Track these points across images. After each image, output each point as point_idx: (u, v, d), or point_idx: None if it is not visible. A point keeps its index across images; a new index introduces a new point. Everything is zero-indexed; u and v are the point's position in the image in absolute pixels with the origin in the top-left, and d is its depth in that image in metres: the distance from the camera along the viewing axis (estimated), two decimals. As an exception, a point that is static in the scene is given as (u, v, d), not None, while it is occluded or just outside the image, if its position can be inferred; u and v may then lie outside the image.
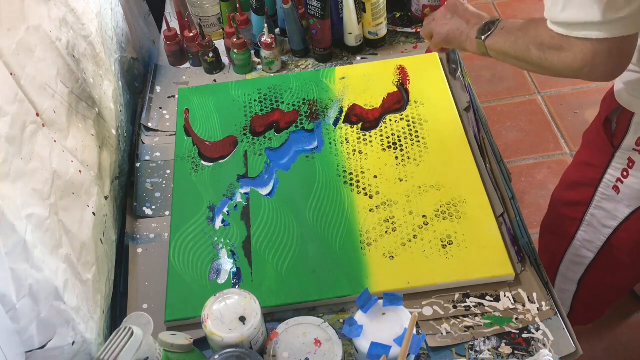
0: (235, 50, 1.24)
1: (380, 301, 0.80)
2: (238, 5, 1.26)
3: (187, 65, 1.31)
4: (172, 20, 1.35)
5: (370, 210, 0.99)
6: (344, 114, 1.15)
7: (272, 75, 1.26)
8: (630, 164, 1.00)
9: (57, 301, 0.72)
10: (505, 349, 0.84)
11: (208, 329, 0.77)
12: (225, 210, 1.02)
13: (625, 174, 1.01)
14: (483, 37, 0.94)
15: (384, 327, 0.78)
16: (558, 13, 0.76)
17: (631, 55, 0.78)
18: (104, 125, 1.02)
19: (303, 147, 1.11)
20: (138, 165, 1.12)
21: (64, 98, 0.86)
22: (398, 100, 1.16)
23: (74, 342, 0.74)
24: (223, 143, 1.13)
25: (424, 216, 0.98)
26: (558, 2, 0.76)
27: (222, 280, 0.94)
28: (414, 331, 0.76)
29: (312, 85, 1.21)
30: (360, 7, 1.20)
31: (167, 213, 1.04)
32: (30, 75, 0.76)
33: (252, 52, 1.29)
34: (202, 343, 0.84)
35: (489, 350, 0.84)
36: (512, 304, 0.88)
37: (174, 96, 1.24)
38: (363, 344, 0.76)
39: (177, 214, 1.03)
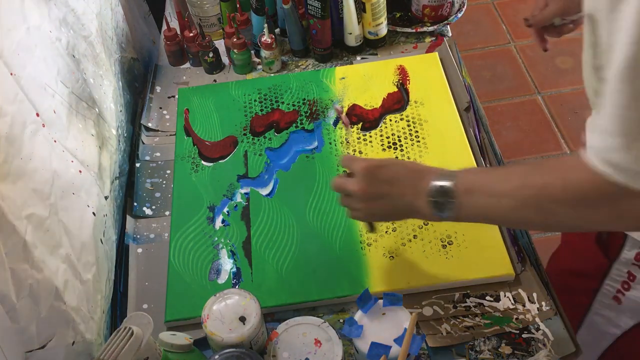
0: (235, 50, 1.24)
1: (380, 301, 0.80)
2: (238, 5, 1.26)
3: (187, 65, 1.31)
4: (172, 20, 1.35)
5: (370, 210, 0.99)
6: (344, 114, 1.15)
7: (272, 75, 1.26)
8: (631, 277, 0.87)
9: (57, 301, 0.72)
10: (505, 349, 0.84)
11: (208, 329, 0.77)
12: (225, 210, 1.02)
13: (626, 286, 0.89)
14: (448, 215, 0.74)
15: (384, 327, 0.78)
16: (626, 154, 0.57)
17: None
18: (104, 125, 1.02)
19: (303, 147, 1.11)
20: (138, 165, 1.12)
21: (64, 98, 0.86)
22: (398, 100, 1.16)
23: (74, 342, 0.74)
24: (223, 143, 1.13)
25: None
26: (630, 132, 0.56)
27: (222, 280, 0.94)
28: (414, 331, 0.76)
29: (312, 85, 1.21)
30: (360, 7, 1.20)
31: (167, 213, 1.04)
32: (30, 75, 0.76)
33: (252, 52, 1.29)
34: (202, 343, 0.84)
35: (489, 350, 0.84)
36: (512, 304, 0.88)
37: (174, 96, 1.24)
38: (363, 344, 0.76)
39: (177, 214, 1.03)
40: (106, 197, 0.97)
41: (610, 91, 0.56)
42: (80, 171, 0.87)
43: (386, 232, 0.96)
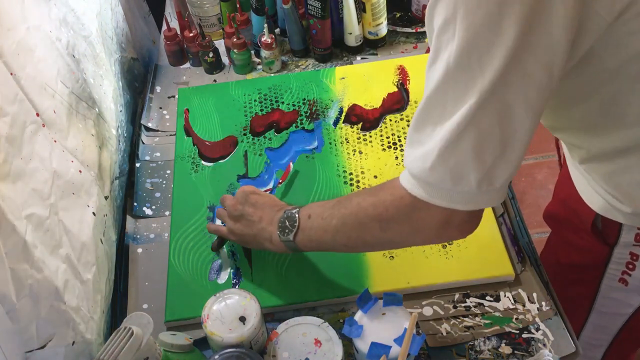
0: (235, 50, 1.24)
1: (380, 301, 0.80)
2: (238, 5, 1.26)
3: (187, 65, 1.31)
4: (172, 20, 1.35)
5: (370, 210, 0.99)
6: (344, 114, 1.15)
7: (272, 75, 1.26)
8: (634, 257, 0.88)
9: (57, 301, 0.72)
10: (505, 349, 0.84)
11: (208, 329, 0.77)
12: (225, 210, 1.02)
13: (630, 266, 0.90)
14: (291, 237, 0.81)
15: (384, 327, 0.78)
16: (426, 170, 0.65)
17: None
18: (104, 125, 1.02)
19: (303, 147, 1.11)
20: (138, 165, 1.12)
21: (64, 98, 0.86)
22: (398, 100, 1.16)
23: (74, 342, 0.74)
24: (223, 143, 1.13)
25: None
26: (428, 156, 0.64)
27: (222, 280, 0.94)
28: (414, 331, 0.76)
29: (312, 85, 1.21)
30: (360, 7, 1.20)
31: (167, 213, 1.04)
32: (30, 75, 0.76)
33: (252, 52, 1.29)
34: (202, 343, 0.84)
35: (489, 350, 0.84)
36: (512, 304, 0.88)
37: (174, 96, 1.24)
38: (363, 344, 0.77)
39: (177, 214, 1.03)
40: (106, 197, 0.97)
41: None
42: (80, 171, 0.87)
43: (386, 232, 0.96)
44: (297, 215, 0.81)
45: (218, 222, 1.00)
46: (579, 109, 0.73)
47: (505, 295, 0.89)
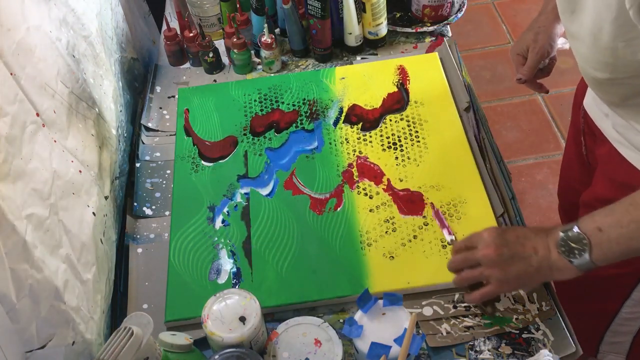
0: (235, 50, 1.24)
1: (380, 301, 0.80)
2: (238, 5, 1.26)
3: (187, 65, 1.31)
4: (172, 20, 1.35)
5: (370, 211, 0.99)
6: (344, 114, 1.15)
7: (272, 75, 1.26)
8: None
9: (57, 301, 0.72)
10: (505, 349, 0.84)
11: (208, 329, 0.77)
12: (225, 210, 1.02)
13: None
14: (587, 257, 0.74)
15: (384, 327, 0.78)
16: None
17: None
18: (104, 125, 1.02)
19: (303, 147, 1.11)
20: (138, 165, 1.12)
21: (64, 98, 0.86)
22: (398, 100, 1.16)
23: (74, 342, 0.75)
24: (223, 143, 1.13)
25: (424, 216, 0.98)
26: None
27: (222, 280, 0.94)
28: (414, 331, 0.76)
29: (312, 85, 1.21)
30: (360, 7, 1.20)
31: (167, 213, 1.04)
32: (30, 75, 0.76)
33: (252, 52, 1.29)
34: (202, 343, 0.84)
35: (489, 350, 0.84)
36: (512, 304, 0.88)
37: (174, 96, 1.24)
38: (363, 344, 0.77)
39: (177, 214, 1.03)
40: (106, 197, 0.97)
41: None
42: (80, 171, 0.87)
43: (386, 232, 0.96)
44: (580, 232, 0.74)
45: (219, 221, 1.00)
46: None
47: (505, 295, 0.89)
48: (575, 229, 0.74)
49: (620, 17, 0.69)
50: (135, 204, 1.06)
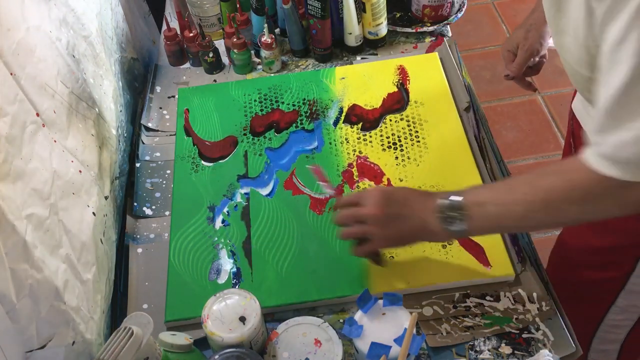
0: (235, 50, 1.24)
1: (380, 301, 0.80)
2: (238, 5, 1.26)
3: (187, 65, 1.31)
4: (172, 20, 1.35)
5: (370, 210, 0.99)
6: (344, 114, 1.15)
7: (272, 75, 1.26)
8: None
9: (57, 301, 0.72)
10: (505, 349, 0.84)
11: (208, 329, 0.77)
12: (225, 210, 1.02)
13: None
14: (463, 226, 0.78)
15: (384, 327, 0.78)
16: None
17: None
18: (104, 125, 1.02)
19: (303, 147, 1.11)
20: (138, 165, 1.12)
21: (64, 98, 0.86)
22: (398, 100, 1.16)
23: (74, 342, 0.75)
24: (223, 143, 1.13)
25: (424, 216, 0.98)
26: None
27: (222, 280, 0.94)
28: (414, 331, 0.76)
29: (312, 85, 1.21)
30: (360, 7, 1.20)
31: (167, 213, 1.04)
32: (30, 75, 0.76)
33: (252, 52, 1.29)
34: (202, 343, 0.84)
35: (489, 350, 0.84)
36: (512, 304, 0.88)
37: (174, 96, 1.24)
38: (363, 344, 0.77)
39: (177, 214, 1.03)
40: (106, 197, 0.97)
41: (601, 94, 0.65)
42: (80, 171, 0.87)
43: (386, 232, 0.96)
44: (462, 203, 0.78)
45: (219, 221, 1.00)
46: None
47: (505, 295, 0.89)
48: (457, 198, 0.78)
49: (588, 17, 0.69)
50: (135, 204, 1.06)
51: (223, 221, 1.01)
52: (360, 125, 1.13)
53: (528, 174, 0.77)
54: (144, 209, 1.05)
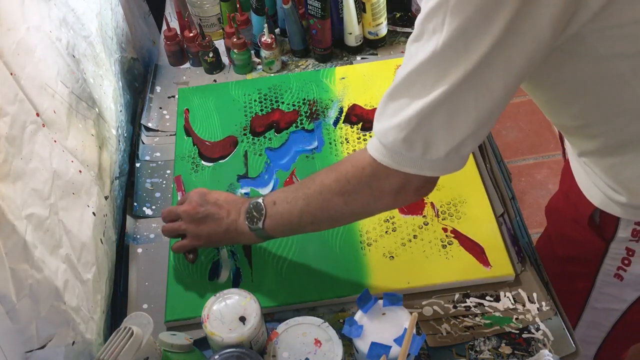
0: (235, 50, 1.24)
1: (380, 301, 0.80)
2: (238, 5, 1.26)
3: (187, 65, 1.31)
4: (172, 20, 1.35)
5: (370, 210, 0.99)
6: (344, 114, 1.15)
7: (272, 75, 1.26)
8: (630, 253, 0.88)
9: (57, 301, 0.72)
10: (505, 349, 0.84)
11: (208, 329, 0.77)
12: (225, 210, 1.02)
13: (626, 262, 0.90)
14: (260, 225, 0.83)
15: (384, 327, 0.78)
16: (399, 140, 0.68)
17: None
18: (104, 125, 1.02)
19: (303, 147, 1.11)
20: (138, 165, 1.12)
21: (64, 98, 0.86)
22: (398, 100, 1.16)
23: (74, 342, 0.74)
24: (223, 143, 1.13)
25: (424, 216, 0.98)
26: (403, 127, 0.67)
27: (222, 280, 0.94)
28: (414, 331, 0.76)
29: (312, 85, 1.21)
30: (360, 7, 1.20)
31: (167, 213, 1.04)
32: (30, 75, 0.76)
33: (252, 52, 1.29)
34: (202, 343, 0.84)
35: (489, 350, 0.84)
36: (512, 304, 0.88)
37: (174, 96, 1.24)
38: (363, 344, 0.77)
39: (177, 214, 1.03)
40: (106, 197, 0.97)
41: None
42: (80, 171, 0.87)
43: (386, 232, 0.96)
44: (262, 203, 0.83)
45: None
46: (578, 104, 0.75)
47: (505, 295, 0.89)
48: (259, 200, 0.84)
49: None
50: (135, 204, 1.06)
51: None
52: (360, 125, 1.13)
53: (323, 169, 0.80)
54: (144, 209, 1.05)
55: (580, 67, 0.68)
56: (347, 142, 1.10)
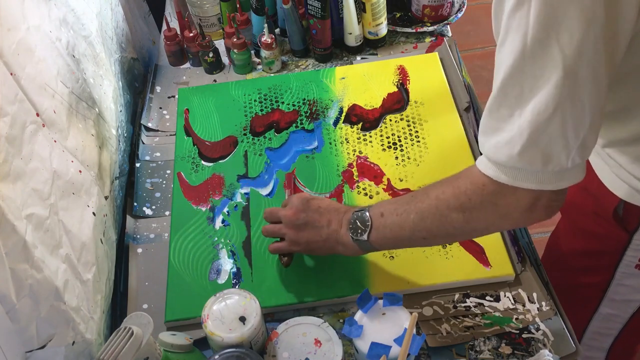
0: (235, 50, 1.24)
1: (380, 301, 0.80)
2: (238, 5, 1.26)
3: (187, 65, 1.31)
4: (172, 20, 1.35)
5: (370, 210, 0.99)
6: (344, 114, 1.15)
7: (272, 75, 1.26)
8: None
9: (57, 301, 0.72)
10: (505, 349, 0.84)
11: (208, 329, 0.77)
12: (225, 210, 1.02)
13: None
14: (365, 237, 0.80)
15: (384, 327, 0.78)
16: (514, 155, 0.64)
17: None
18: (104, 125, 1.02)
19: (303, 147, 1.11)
20: (138, 165, 1.12)
21: (64, 98, 0.86)
22: (398, 100, 1.16)
23: (74, 342, 0.74)
24: (223, 143, 1.13)
25: (424, 216, 0.98)
26: (516, 141, 0.63)
27: (222, 280, 0.94)
28: (414, 331, 0.76)
29: (312, 85, 1.21)
30: (360, 7, 1.20)
31: (167, 213, 1.04)
32: (30, 75, 0.76)
33: (252, 52, 1.29)
34: (202, 343, 0.84)
35: (489, 350, 0.84)
36: (512, 304, 0.88)
37: (174, 96, 1.24)
38: (363, 344, 0.76)
39: (177, 214, 1.03)
40: (106, 197, 0.97)
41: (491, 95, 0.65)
42: (80, 171, 0.87)
43: (386, 232, 0.96)
44: (368, 215, 0.80)
45: (219, 221, 1.00)
46: (625, 87, 0.72)
47: (505, 295, 0.89)
48: (364, 211, 0.81)
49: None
50: (135, 204, 1.06)
51: (223, 221, 1.01)
52: (360, 125, 1.13)
53: (432, 183, 0.77)
54: (144, 209, 1.05)
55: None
56: (347, 142, 1.10)
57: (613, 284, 0.97)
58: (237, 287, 0.92)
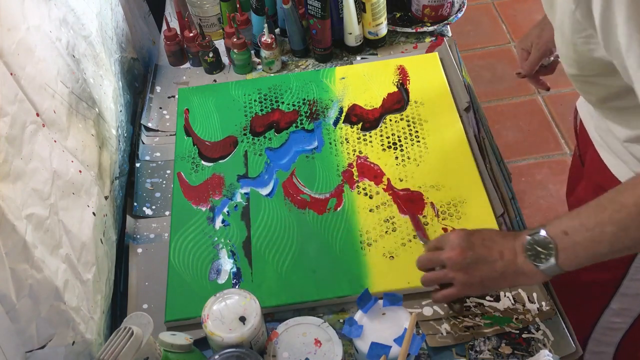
0: (235, 50, 1.24)
1: (380, 301, 0.80)
2: (238, 5, 1.26)
3: (187, 65, 1.31)
4: (172, 20, 1.35)
5: (370, 210, 0.99)
6: (344, 114, 1.15)
7: (272, 75, 1.26)
8: None
9: (57, 301, 0.72)
10: (505, 349, 0.84)
11: (208, 329, 0.77)
12: (225, 210, 1.02)
13: None
14: (553, 261, 0.71)
15: (384, 327, 0.78)
16: None
17: None
18: (104, 125, 1.02)
19: (303, 147, 1.11)
20: (138, 165, 1.12)
21: (64, 98, 0.86)
22: (398, 100, 1.16)
23: (74, 342, 0.74)
24: (223, 143, 1.13)
25: (424, 216, 0.98)
26: None
27: (222, 280, 0.94)
28: (414, 331, 0.76)
29: (312, 85, 1.21)
30: (360, 7, 1.20)
31: (167, 213, 1.04)
32: (30, 75, 0.76)
33: (252, 52, 1.29)
34: (202, 343, 0.84)
35: (489, 350, 0.84)
36: (512, 304, 0.88)
37: (174, 96, 1.24)
38: (363, 344, 0.77)
39: (177, 214, 1.03)
40: (106, 197, 0.97)
41: None
42: (80, 171, 0.87)
43: (386, 232, 0.96)
44: (546, 236, 0.72)
45: (219, 221, 1.00)
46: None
47: (505, 295, 0.89)
48: (542, 233, 0.73)
49: (576, 12, 0.68)
50: (135, 204, 1.06)
51: (223, 221, 1.01)
52: (360, 125, 1.13)
53: (609, 192, 0.71)
54: (144, 209, 1.05)
55: None
56: (347, 142, 1.10)
57: (626, 279, 0.95)
58: (237, 287, 0.92)
